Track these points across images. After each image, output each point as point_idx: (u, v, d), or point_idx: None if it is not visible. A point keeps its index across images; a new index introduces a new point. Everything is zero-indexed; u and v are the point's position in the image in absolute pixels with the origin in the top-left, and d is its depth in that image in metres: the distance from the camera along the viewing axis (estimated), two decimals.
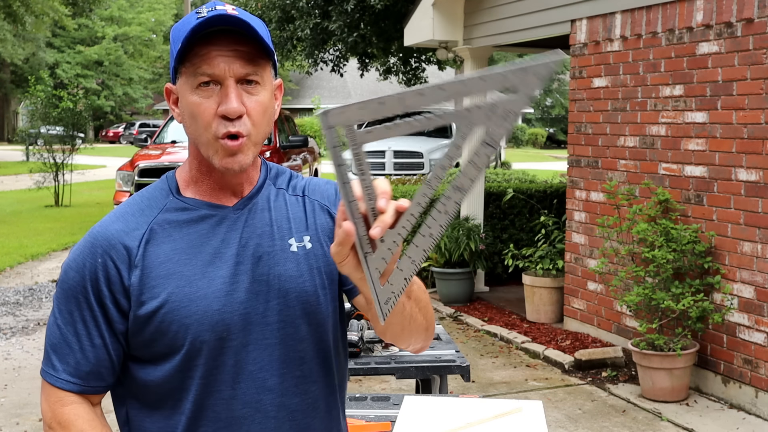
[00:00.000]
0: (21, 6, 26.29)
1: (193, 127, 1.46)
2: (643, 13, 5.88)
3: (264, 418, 1.49)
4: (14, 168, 26.29)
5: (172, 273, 1.46)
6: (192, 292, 1.45)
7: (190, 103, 1.44)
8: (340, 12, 11.63)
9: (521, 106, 1.14)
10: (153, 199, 1.53)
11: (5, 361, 6.18)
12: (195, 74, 1.43)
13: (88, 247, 1.49)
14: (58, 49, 50.39)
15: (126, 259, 1.47)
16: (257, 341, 1.48)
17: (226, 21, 1.41)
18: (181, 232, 1.49)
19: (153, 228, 1.49)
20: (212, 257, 1.48)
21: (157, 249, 1.48)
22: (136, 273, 1.46)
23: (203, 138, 1.45)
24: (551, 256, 7.20)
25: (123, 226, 1.49)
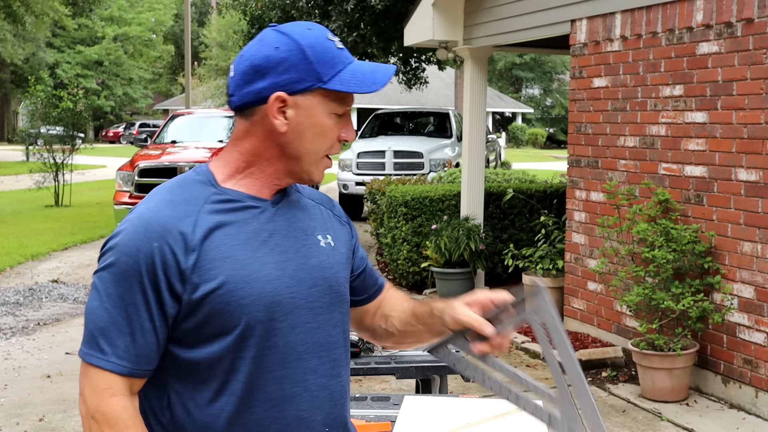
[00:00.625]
0: (21, 6, 26.28)
1: (315, 144, 1.58)
2: (643, 13, 5.88)
3: (311, 397, 1.58)
4: (14, 168, 26.29)
5: (227, 256, 1.52)
6: (247, 274, 1.52)
7: (324, 125, 1.58)
8: (340, 12, 11.64)
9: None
10: (194, 189, 1.59)
11: (5, 361, 6.18)
12: (339, 104, 1.58)
13: (141, 232, 1.51)
14: (58, 49, 50.39)
15: (182, 244, 1.51)
16: (302, 324, 1.58)
17: (377, 69, 1.61)
18: (229, 220, 1.56)
19: (203, 215, 1.54)
20: (260, 243, 1.56)
21: (211, 235, 1.53)
22: (192, 257, 1.51)
23: (318, 154, 1.60)
24: (551, 256, 7.20)
25: (174, 212, 1.54)
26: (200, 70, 43.57)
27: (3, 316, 7.46)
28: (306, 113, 1.56)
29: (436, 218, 8.29)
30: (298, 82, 1.54)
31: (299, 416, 1.58)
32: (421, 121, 16.79)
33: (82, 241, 11.95)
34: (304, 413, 1.58)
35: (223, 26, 39.31)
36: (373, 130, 15.56)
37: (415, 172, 12.94)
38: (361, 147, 14.20)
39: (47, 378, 5.77)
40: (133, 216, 1.55)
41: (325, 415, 1.62)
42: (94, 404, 1.49)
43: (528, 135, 47.07)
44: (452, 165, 13.40)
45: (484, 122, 8.39)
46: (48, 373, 5.88)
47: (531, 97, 52.77)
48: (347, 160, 14.02)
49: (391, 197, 8.64)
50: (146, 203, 1.57)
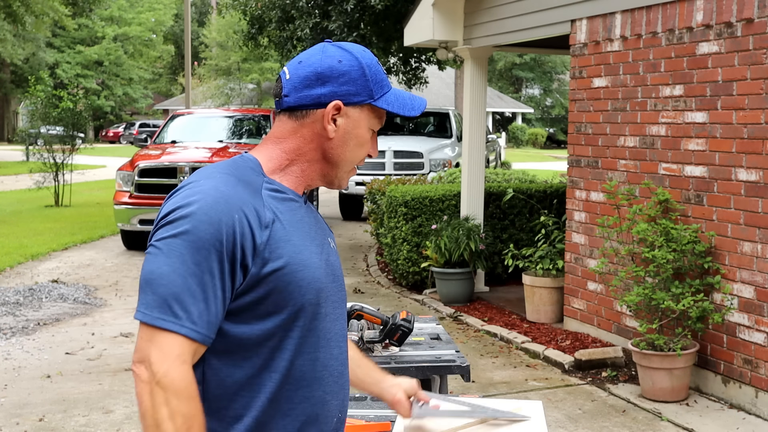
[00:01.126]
0: (21, 6, 26.27)
1: (355, 152, 1.73)
2: (643, 13, 5.88)
3: (333, 382, 1.70)
4: (14, 168, 26.30)
5: (288, 239, 1.61)
6: (304, 259, 1.63)
7: (363, 136, 1.73)
8: (340, 12, 11.63)
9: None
10: (249, 176, 1.65)
11: (5, 361, 6.18)
12: (377, 122, 1.74)
13: (222, 204, 1.55)
14: (58, 49, 50.39)
15: (257, 220, 1.58)
16: (332, 313, 1.71)
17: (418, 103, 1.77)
18: (283, 207, 1.65)
19: (265, 198, 1.63)
20: (306, 233, 1.68)
21: (276, 217, 1.62)
22: (266, 233, 1.58)
23: (353, 163, 1.75)
24: (551, 256, 7.20)
25: (244, 191, 1.60)
26: (200, 70, 43.57)
27: (3, 316, 7.46)
28: (353, 124, 1.71)
29: (436, 218, 8.29)
30: (354, 95, 1.69)
31: (324, 398, 1.67)
32: (421, 121, 16.79)
33: (82, 241, 11.95)
34: (327, 396, 1.68)
35: (223, 26, 39.30)
36: None
37: (415, 172, 12.94)
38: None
39: (47, 378, 5.77)
40: (204, 188, 1.58)
41: (340, 401, 1.73)
42: (163, 370, 1.48)
43: (528, 135, 47.07)
44: (452, 165, 13.40)
45: (484, 122, 8.39)
46: (48, 373, 5.88)
47: (531, 97, 52.76)
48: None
49: (391, 197, 8.64)
50: (210, 179, 1.60)
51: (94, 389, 5.52)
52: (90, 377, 5.79)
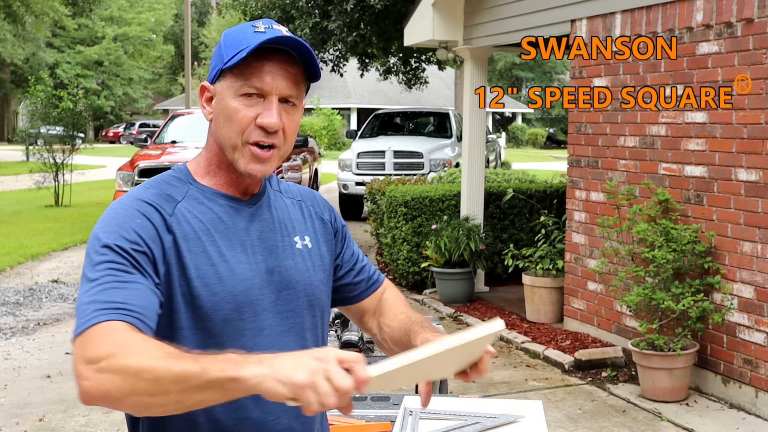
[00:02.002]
0: (21, 6, 26.28)
1: (226, 129, 1.55)
2: (643, 13, 5.88)
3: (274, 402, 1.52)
4: (14, 168, 26.30)
5: (201, 251, 1.51)
6: (218, 272, 1.51)
7: (229, 108, 1.54)
8: (340, 12, 11.64)
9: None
10: (173, 185, 1.59)
11: (5, 361, 6.18)
12: (242, 83, 1.53)
13: (122, 210, 1.50)
14: (58, 49, 50.39)
15: (162, 223, 1.50)
16: (270, 327, 1.56)
17: (287, 42, 1.52)
18: (204, 216, 1.55)
19: (179, 208, 1.54)
20: (232, 243, 1.55)
21: (186, 226, 1.53)
22: (170, 239, 1.50)
23: (233, 141, 1.54)
24: (551, 256, 7.20)
25: (154, 197, 1.54)
26: (200, 70, 43.60)
27: (3, 316, 7.46)
28: (218, 98, 1.57)
29: (436, 218, 8.29)
30: (213, 69, 1.59)
31: (264, 419, 1.54)
32: (421, 121, 16.79)
33: (82, 241, 11.95)
34: (268, 416, 1.54)
35: (223, 26, 39.33)
36: (373, 130, 15.56)
37: (415, 172, 12.94)
38: (361, 147, 14.20)
39: (47, 378, 5.77)
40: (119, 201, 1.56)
41: (289, 422, 1.57)
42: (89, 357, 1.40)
43: (528, 135, 47.08)
44: (452, 165, 13.40)
45: (484, 122, 8.39)
46: (48, 373, 5.88)
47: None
48: (347, 160, 14.03)
49: (391, 197, 8.64)
50: (131, 191, 1.59)
51: None
52: None
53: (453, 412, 1.96)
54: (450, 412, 1.95)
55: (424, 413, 1.97)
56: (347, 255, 1.79)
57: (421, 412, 1.97)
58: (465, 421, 1.91)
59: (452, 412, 1.97)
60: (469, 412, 1.98)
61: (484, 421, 1.92)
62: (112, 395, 1.27)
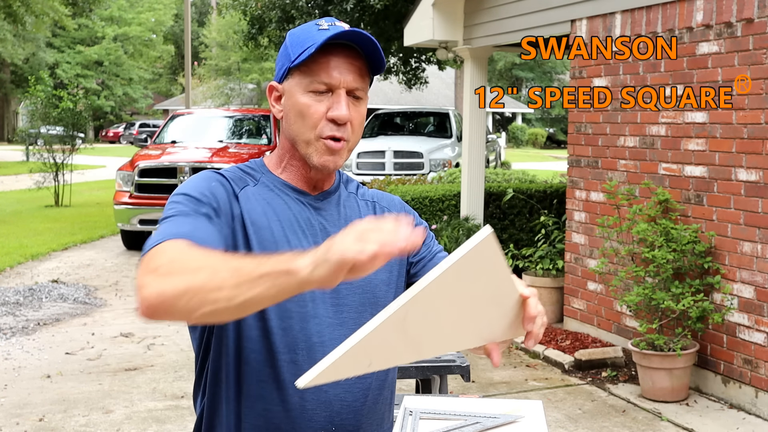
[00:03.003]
0: (21, 6, 26.27)
1: (298, 124, 1.61)
2: (643, 13, 5.88)
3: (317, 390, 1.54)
4: (14, 168, 26.29)
5: (262, 227, 1.59)
6: (279, 247, 1.57)
7: (300, 104, 1.60)
8: (340, 12, 11.64)
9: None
10: (247, 173, 1.67)
11: (5, 361, 6.18)
12: (311, 79, 1.58)
13: (199, 177, 1.62)
14: (58, 49, 50.38)
15: (233, 195, 1.60)
16: (322, 316, 1.59)
17: (351, 37, 1.57)
18: (273, 201, 1.63)
19: (249, 190, 1.63)
20: (295, 228, 1.62)
21: (254, 204, 1.61)
22: (238, 209, 1.59)
23: (306, 136, 1.60)
24: (551, 256, 7.20)
25: (229, 174, 1.65)
26: (200, 70, 43.57)
27: (3, 316, 7.46)
28: (287, 96, 1.63)
29: (436, 218, 8.29)
30: (281, 69, 1.64)
31: (302, 405, 1.57)
32: (421, 121, 16.79)
33: (82, 241, 11.95)
34: (307, 404, 1.58)
35: (223, 26, 39.31)
36: (373, 130, 15.56)
37: (415, 172, 12.94)
38: (361, 147, 14.20)
39: (47, 378, 5.77)
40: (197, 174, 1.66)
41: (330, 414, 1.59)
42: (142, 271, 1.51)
43: (528, 135, 47.07)
44: (452, 165, 13.40)
45: (484, 122, 8.39)
46: (48, 373, 5.88)
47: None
48: (347, 160, 14.02)
49: None
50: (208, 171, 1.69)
51: (94, 389, 5.52)
52: (90, 377, 5.79)
53: (453, 412, 1.96)
54: (450, 412, 1.96)
55: (424, 413, 1.98)
56: (424, 251, 1.79)
57: (421, 412, 1.97)
58: (465, 421, 1.92)
59: (452, 412, 1.97)
60: (469, 412, 1.98)
61: (484, 421, 1.92)
62: (167, 295, 1.28)
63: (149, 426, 4.85)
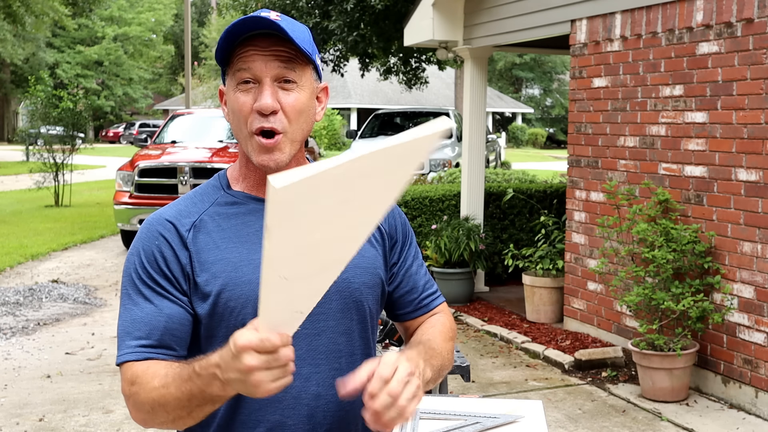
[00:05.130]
0: (21, 6, 26.28)
1: (234, 123, 1.54)
2: (643, 13, 5.88)
3: (296, 404, 1.53)
4: (14, 168, 26.30)
5: (220, 259, 1.52)
6: (237, 277, 1.51)
7: (231, 101, 1.53)
8: (340, 12, 11.64)
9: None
10: (205, 194, 1.61)
11: (5, 361, 6.18)
12: (236, 73, 1.51)
13: (144, 233, 1.56)
14: (58, 49, 50.40)
15: (179, 241, 1.54)
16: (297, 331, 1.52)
17: (261, 24, 1.49)
18: (229, 223, 1.56)
19: (203, 218, 1.56)
20: (258, 246, 1.51)
21: (207, 237, 1.55)
22: (186, 255, 1.53)
23: (242, 134, 1.54)
24: (551, 256, 7.20)
25: (175, 212, 1.57)
26: (200, 70, 43.58)
27: (3, 316, 7.46)
28: (227, 97, 1.57)
29: (436, 218, 8.29)
30: (222, 72, 1.58)
31: (282, 422, 1.53)
32: (421, 121, 16.79)
33: (82, 241, 11.95)
34: (288, 420, 1.53)
35: (223, 26, 39.27)
36: (373, 130, 15.57)
37: (415, 172, 12.93)
38: (361, 147, 14.19)
39: (47, 378, 5.77)
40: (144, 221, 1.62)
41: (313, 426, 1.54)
42: (126, 393, 1.52)
43: (528, 135, 47.07)
44: (452, 165, 13.40)
45: (484, 122, 8.39)
46: (48, 373, 5.88)
47: (531, 97, 52.77)
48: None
49: None
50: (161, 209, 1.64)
51: (94, 389, 5.52)
52: (90, 377, 5.79)
53: (453, 412, 1.96)
54: (450, 412, 1.96)
55: (424, 413, 1.97)
56: (401, 269, 1.71)
57: (421, 412, 1.97)
58: (465, 421, 1.92)
59: (452, 412, 1.97)
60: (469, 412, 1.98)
61: (484, 421, 1.92)
62: (146, 423, 1.48)
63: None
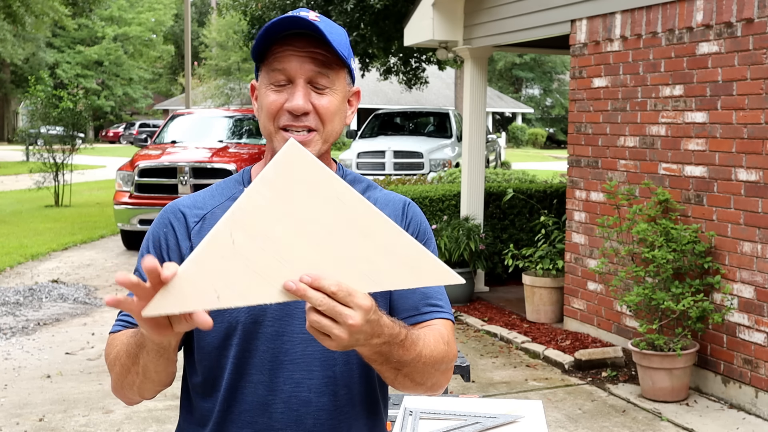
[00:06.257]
0: (21, 6, 26.28)
1: (262, 119, 1.56)
2: (643, 13, 5.88)
3: (287, 410, 1.51)
4: (14, 168, 26.30)
5: None
6: None
7: (262, 98, 1.55)
8: (340, 12, 11.63)
9: None
10: (225, 188, 1.64)
11: (5, 361, 6.18)
12: (271, 71, 1.53)
13: (158, 219, 1.62)
14: (58, 49, 50.39)
15: (185, 230, 1.58)
16: (292, 333, 1.51)
17: (300, 24, 1.49)
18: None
19: (215, 212, 1.58)
20: None
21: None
22: (188, 245, 1.56)
23: (268, 129, 1.55)
24: (551, 256, 7.20)
25: (191, 203, 1.61)
26: (200, 70, 43.57)
27: (3, 316, 7.46)
28: (258, 92, 1.59)
29: (436, 218, 8.29)
30: (256, 68, 1.60)
31: (271, 426, 1.52)
32: (421, 121, 16.79)
33: (82, 241, 11.95)
34: (276, 424, 1.52)
35: (223, 26, 39.29)
36: (373, 130, 15.57)
37: (415, 172, 12.94)
38: (361, 147, 14.20)
39: (47, 378, 5.77)
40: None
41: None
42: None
43: (528, 135, 47.06)
44: (452, 165, 13.40)
45: (484, 122, 8.39)
46: (48, 373, 5.88)
47: (531, 97, 52.77)
48: (347, 160, 14.03)
49: None
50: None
51: (94, 389, 5.52)
52: (90, 377, 5.79)
53: (453, 412, 1.96)
54: (450, 412, 1.96)
55: (424, 413, 1.97)
56: None
57: (421, 412, 1.97)
58: (465, 421, 1.92)
59: (452, 412, 1.97)
60: (469, 412, 1.98)
61: (484, 421, 1.92)
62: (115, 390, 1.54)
63: (149, 426, 4.85)
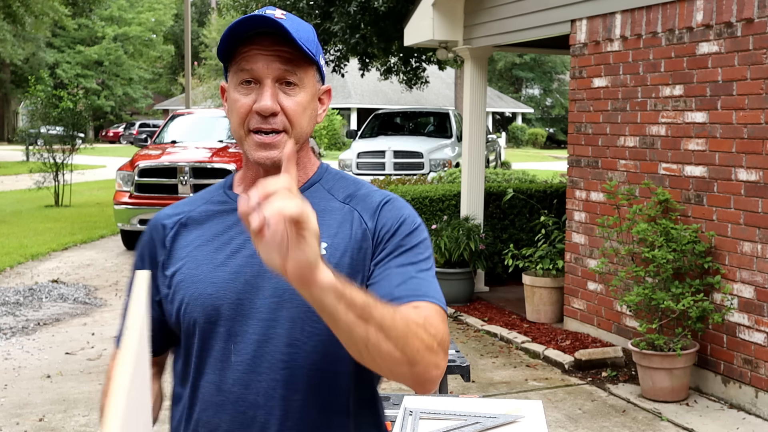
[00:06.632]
0: (21, 6, 26.28)
1: (232, 121, 1.52)
2: (643, 13, 5.88)
3: (236, 413, 1.48)
4: (14, 168, 26.30)
5: (188, 256, 1.55)
6: (195, 275, 1.52)
7: (231, 99, 1.51)
8: (342, 13, 11.63)
9: None
10: (207, 192, 1.64)
11: (5, 361, 6.18)
12: (238, 72, 1.49)
13: (142, 235, 1.65)
14: (58, 49, 50.41)
15: (162, 239, 1.59)
16: (245, 333, 1.47)
17: (265, 23, 1.45)
18: (212, 222, 1.57)
19: (191, 215, 1.59)
20: (225, 246, 1.53)
21: (187, 234, 1.58)
22: (164, 252, 1.58)
23: (238, 132, 1.51)
24: (551, 256, 7.20)
25: (170, 212, 1.62)
26: (200, 70, 43.60)
27: (3, 316, 7.46)
28: (227, 95, 1.55)
29: (436, 218, 8.29)
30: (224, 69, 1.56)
31: (218, 425, 1.50)
32: (421, 121, 16.80)
33: (82, 241, 11.95)
34: (223, 425, 1.49)
35: (223, 26, 39.33)
36: (373, 130, 15.57)
37: (415, 172, 12.94)
38: (361, 147, 14.20)
39: (47, 378, 5.77)
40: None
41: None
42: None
43: (528, 135, 47.07)
44: (452, 165, 13.40)
45: (484, 122, 8.39)
46: (48, 373, 5.88)
47: (531, 97, 52.78)
48: (347, 160, 14.04)
49: None
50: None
51: (94, 389, 5.52)
52: (90, 377, 5.79)
53: (453, 412, 1.96)
54: (450, 412, 1.96)
55: (424, 413, 1.97)
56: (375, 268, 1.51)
57: (421, 412, 1.97)
58: (465, 421, 1.92)
59: (452, 412, 1.97)
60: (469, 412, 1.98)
61: (484, 421, 1.92)
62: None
63: None
